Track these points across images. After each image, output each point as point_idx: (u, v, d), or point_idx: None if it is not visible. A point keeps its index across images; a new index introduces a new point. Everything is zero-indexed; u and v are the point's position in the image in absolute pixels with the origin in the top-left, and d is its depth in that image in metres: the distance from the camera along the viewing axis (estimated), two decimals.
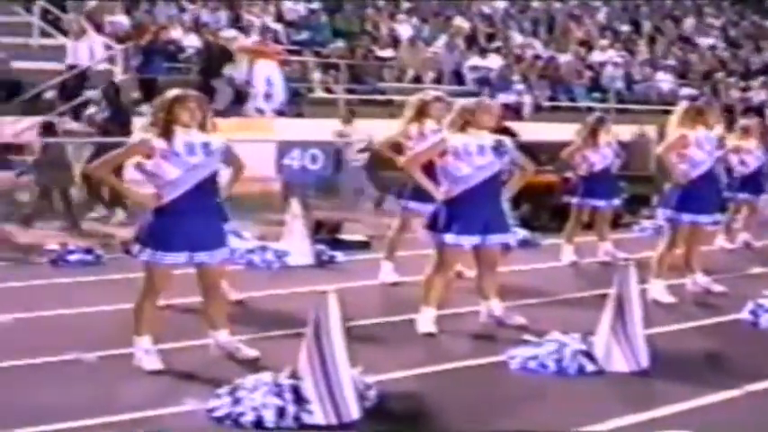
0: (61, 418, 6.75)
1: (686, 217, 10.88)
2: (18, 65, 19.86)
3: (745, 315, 10.07)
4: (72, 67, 19.40)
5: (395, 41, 25.99)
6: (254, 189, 15.39)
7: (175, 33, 22.47)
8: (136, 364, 8.03)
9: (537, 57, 26.90)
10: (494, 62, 25.47)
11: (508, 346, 8.63)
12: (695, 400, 7.46)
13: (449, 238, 9.24)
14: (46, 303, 10.22)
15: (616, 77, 27.41)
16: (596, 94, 26.65)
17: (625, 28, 31.99)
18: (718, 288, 11.39)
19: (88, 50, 19.43)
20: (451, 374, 8.21)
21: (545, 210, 16.07)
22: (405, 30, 26.72)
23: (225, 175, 8.58)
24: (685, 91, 26.89)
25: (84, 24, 19.99)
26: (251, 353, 8.32)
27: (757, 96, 28.12)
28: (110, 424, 6.70)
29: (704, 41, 32.48)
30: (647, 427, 6.89)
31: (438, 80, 24.23)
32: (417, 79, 24.04)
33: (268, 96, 20.77)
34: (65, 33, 20.84)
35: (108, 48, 20.20)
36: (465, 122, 9.36)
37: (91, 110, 17.57)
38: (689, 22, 34.17)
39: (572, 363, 8.14)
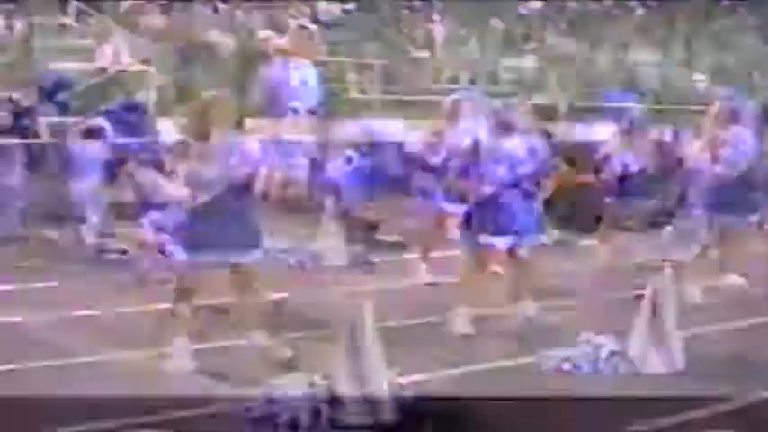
0: (97, 417, 6.80)
1: (720, 218, 10.82)
2: (54, 66, 19.90)
3: None
4: (103, 69, 19.40)
5: (430, 42, 25.96)
6: (290, 189, 15.39)
7: (211, 34, 22.52)
8: (171, 363, 8.08)
9: (572, 57, 26.80)
10: (529, 63, 25.40)
11: (542, 347, 8.62)
12: (731, 402, 7.42)
13: (483, 238, 9.23)
14: (82, 303, 10.28)
15: (652, 78, 27.26)
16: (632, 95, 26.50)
17: (661, 28, 31.82)
18: (753, 289, 11.34)
19: (112, 52, 19.40)
20: (487, 375, 8.21)
21: (580, 210, 16.00)
22: (440, 30, 26.68)
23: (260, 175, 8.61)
24: (721, 91, 26.71)
25: (110, 25, 19.98)
26: (285, 353, 8.34)
27: None
28: (144, 424, 6.73)
29: (740, 41, 32.26)
30: (684, 429, 6.87)
31: (473, 81, 24.16)
32: (452, 80, 23.99)
33: (302, 96, 20.76)
34: None
35: (142, 49, 20.20)
36: (498, 123, 9.36)
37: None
38: (725, 23, 33.95)
39: (607, 364, 8.13)
